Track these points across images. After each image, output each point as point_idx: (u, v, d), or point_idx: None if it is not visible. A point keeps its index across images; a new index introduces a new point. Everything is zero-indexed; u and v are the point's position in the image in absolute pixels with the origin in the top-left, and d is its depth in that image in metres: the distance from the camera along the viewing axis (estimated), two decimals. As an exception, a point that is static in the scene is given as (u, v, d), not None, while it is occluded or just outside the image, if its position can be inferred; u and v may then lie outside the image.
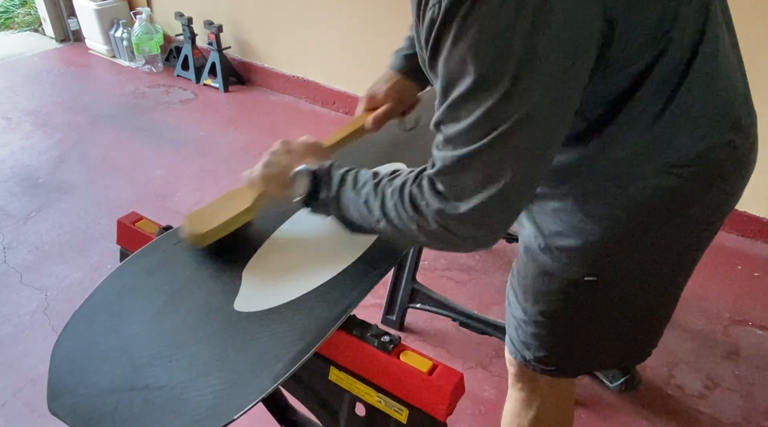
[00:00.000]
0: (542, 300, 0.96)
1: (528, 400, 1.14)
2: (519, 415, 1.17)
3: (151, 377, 0.78)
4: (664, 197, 0.82)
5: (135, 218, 1.07)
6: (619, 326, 0.97)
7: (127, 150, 2.87)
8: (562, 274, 0.90)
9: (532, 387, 1.12)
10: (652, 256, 0.89)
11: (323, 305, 0.86)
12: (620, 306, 0.94)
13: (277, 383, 0.74)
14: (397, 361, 0.79)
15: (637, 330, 1.00)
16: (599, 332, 0.98)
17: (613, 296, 0.92)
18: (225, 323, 0.84)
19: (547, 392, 1.12)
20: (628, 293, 0.92)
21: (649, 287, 0.93)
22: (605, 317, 0.95)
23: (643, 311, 0.97)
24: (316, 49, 3.21)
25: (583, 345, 1.00)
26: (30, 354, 1.77)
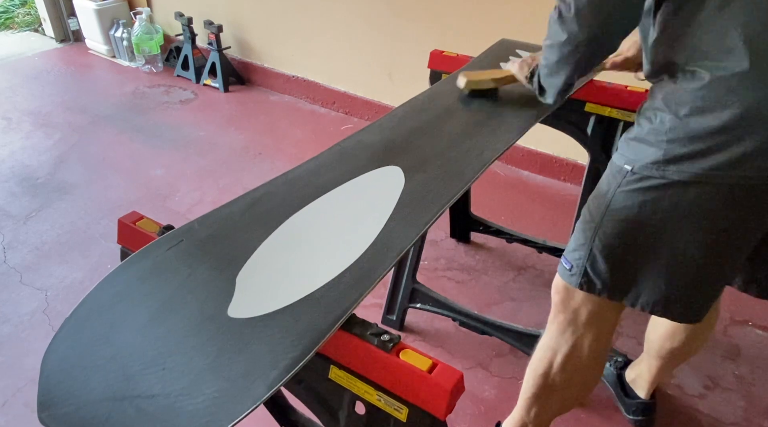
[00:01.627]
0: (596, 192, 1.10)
1: (566, 331, 1.21)
2: (554, 349, 1.23)
3: (143, 386, 0.77)
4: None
5: (136, 217, 1.07)
6: (636, 249, 1.05)
7: (127, 150, 2.87)
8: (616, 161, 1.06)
9: (575, 317, 1.18)
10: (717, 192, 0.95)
11: (318, 310, 0.85)
12: (641, 220, 1.02)
13: (271, 391, 0.73)
14: (397, 359, 0.79)
15: (678, 271, 1.04)
16: (642, 249, 1.05)
17: (639, 202, 1.01)
18: (219, 330, 0.83)
19: (588, 322, 1.18)
20: (652, 208, 1.00)
21: (697, 228, 0.99)
22: (626, 225, 1.04)
23: (687, 252, 1.01)
24: (316, 49, 3.21)
25: (604, 250, 1.08)
26: (30, 354, 1.77)
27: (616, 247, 1.07)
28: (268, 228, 1.02)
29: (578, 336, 1.20)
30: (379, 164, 1.20)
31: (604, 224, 1.07)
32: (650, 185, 0.99)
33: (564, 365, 1.23)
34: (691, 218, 0.98)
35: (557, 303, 1.21)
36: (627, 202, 1.03)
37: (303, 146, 2.94)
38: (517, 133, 1.31)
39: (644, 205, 1.01)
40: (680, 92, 0.95)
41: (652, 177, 0.98)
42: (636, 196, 1.01)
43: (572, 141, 1.64)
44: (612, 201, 1.05)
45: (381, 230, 1.00)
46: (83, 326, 0.86)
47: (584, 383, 1.29)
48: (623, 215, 1.04)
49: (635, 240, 1.04)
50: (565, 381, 1.25)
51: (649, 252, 1.04)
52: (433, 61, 1.75)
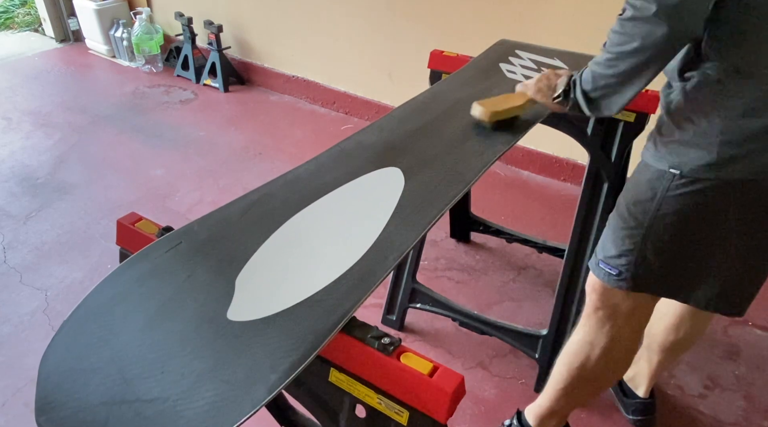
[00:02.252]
0: (632, 190, 1.11)
1: (604, 327, 1.24)
2: (591, 343, 1.27)
3: (142, 390, 0.76)
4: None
5: (135, 218, 1.07)
6: (683, 249, 1.07)
7: (127, 150, 2.87)
8: (655, 164, 1.06)
9: (613, 313, 1.21)
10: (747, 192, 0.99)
11: (318, 313, 0.84)
12: (694, 220, 1.03)
13: (271, 394, 0.73)
14: (398, 363, 0.79)
15: (734, 267, 1.07)
16: (699, 249, 1.07)
17: (691, 203, 1.02)
18: (218, 333, 0.82)
19: (626, 316, 1.21)
20: (705, 208, 1.02)
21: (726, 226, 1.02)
22: (679, 227, 1.05)
23: (744, 247, 1.04)
24: (316, 49, 3.20)
25: (647, 252, 1.10)
26: (30, 354, 1.77)
27: (671, 250, 1.09)
28: (267, 230, 1.01)
29: (617, 329, 1.23)
30: (379, 165, 1.19)
31: (655, 228, 1.08)
32: (705, 187, 1.01)
33: (601, 358, 1.26)
34: (749, 214, 1.01)
35: (595, 300, 1.24)
36: (679, 206, 1.04)
37: (303, 146, 2.93)
38: (517, 134, 1.31)
39: (699, 207, 1.03)
40: (732, 95, 0.96)
41: (706, 179, 1.00)
42: (689, 199, 1.03)
43: (572, 141, 1.64)
44: (662, 205, 1.06)
45: (381, 232, 1.00)
46: (81, 329, 0.85)
47: (615, 374, 1.33)
48: (677, 218, 1.05)
49: (691, 241, 1.07)
50: (601, 372, 1.29)
51: (705, 252, 1.07)
52: (433, 61, 1.75)
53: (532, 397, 1.67)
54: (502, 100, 1.35)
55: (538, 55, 1.70)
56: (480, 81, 1.56)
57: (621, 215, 1.15)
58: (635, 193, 1.11)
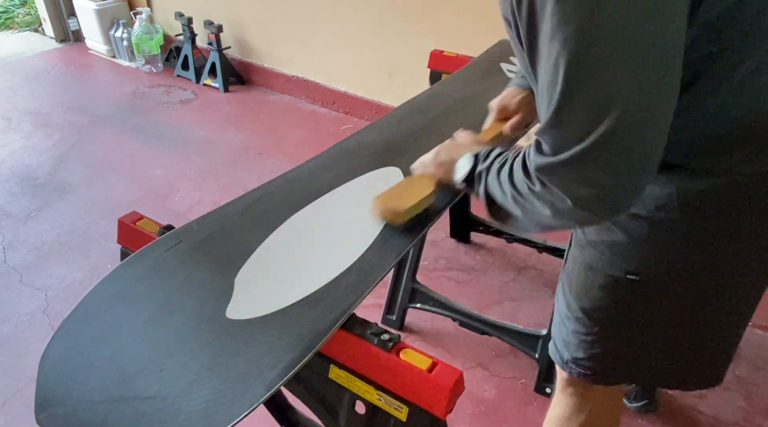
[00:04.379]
0: (584, 296, 0.95)
1: (578, 406, 1.13)
2: (569, 419, 1.15)
3: (141, 387, 0.76)
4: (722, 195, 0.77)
5: (136, 217, 1.07)
6: (658, 338, 0.94)
7: (127, 150, 2.87)
8: (605, 269, 0.90)
9: (584, 394, 1.10)
10: (702, 264, 0.84)
11: (317, 311, 0.85)
12: (662, 314, 0.91)
13: (270, 392, 0.73)
14: (397, 359, 0.79)
15: (677, 348, 0.95)
16: (638, 338, 0.95)
17: (656, 301, 0.89)
18: (217, 331, 0.83)
19: (599, 398, 1.10)
20: (672, 301, 0.89)
21: (695, 299, 0.88)
22: (645, 324, 0.93)
23: (687, 327, 0.92)
24: (316, 49, 3.21)
25: (620, 351, 0.98)
26: (30, 354, 1.77)
27: (643, 346, 0.97)
28: (267, 229, 1.02)
29: (592, 408, 1.13)
30: (379, 165, 1.20)
31: (623, 331, 0.97)
32: (664, 290, 0.90)
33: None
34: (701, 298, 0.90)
35: (565, 379, 1.12)
36: (641, 308, 0.93)
37: (303, 146, 2.93)
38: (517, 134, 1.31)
39: (661, 305, 0.91)
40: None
41: (665, 281, 0.89)
42: (651, 302, 0.92)
43: (572, 141, 1.64)
44: (622, 310, 0.95)
45: (380, 232, 1.00)
46: (81, 327, 0.86)
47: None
48: (644, 317, 0.94)
49: (661, 335, 0.95)
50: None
51: (675, 341, 0.96)
52: (433, 61, 1.75)
53: (532, 397, 1.68)
54: (404, 192, 1.06)
55: None
56: (480, 81, 1.56)
57: (580, 321, 0.98)
58: (590, 298, 0.95)
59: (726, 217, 0.80)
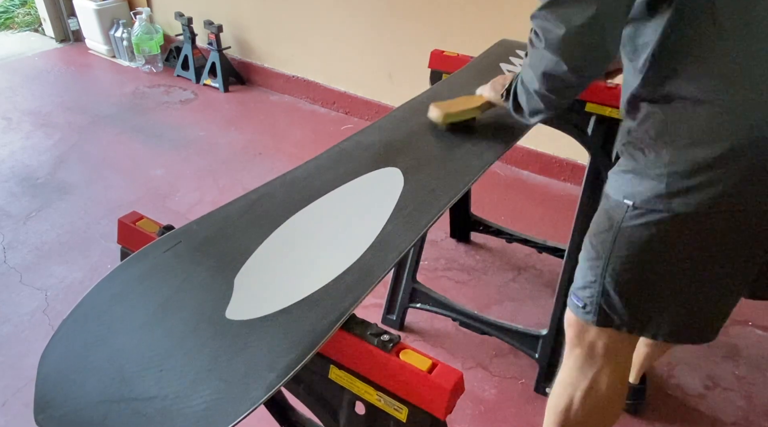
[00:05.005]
0: (594, 222, 1.09)
1: (584, 366, 1.19)
2: (573, 385, 1.21)
3: (140, 388, 0.76)
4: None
5: (136, 217, 1.07)
6: (647, 279, 1.03)
7: (127, 150, 2.87)
8: (614, 195, 1.04)
9: (591, 351, 1.16)
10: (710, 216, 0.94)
11: (317, 312, 0.84)
12: (650, 252, 1.00)
13: (269, 393, 0.73)
14: (397, 359, 0.79)
15: (695, 299, 1.03)
16: (656, 282, 1.03)
17: (646, 235, 0.99)
18: (216, 332, 0.82)
19: (605, 355, 1.16)
20: (662, 237, 0.98)
21: (694, 251, 0.97)
22: (629, 257, 1.02)
23: (701, 279, 1.00)
24: (316, 49, 3.21)
25: (607, 280, 1.06)
26: (30, 354, 1.77)
27: (629, 282, 1.05)
28: (266, 229, 1.02)
29: (596, 370, 1.18)
30: (379, 165, 1.19)
31: (613, 260, 1.04)
32: (656, 219, 0.97)
33: (584, 400, 1.20)
34: (702, 246, 0.97)
35: (572, 338, 1.19)
36: (633, 238, 1.01)
37: (303, 146, 2.94)
38: (516, 134, 1.31)
39: (652, 239, 0.99)
40: (678, 123, 0.93)
41: (656, 210, 0.96)
42: (642, 231, 0.99)
43: (572, 141, 1.64)
44: (617, 237, 1.02)
45: (380, 232, 1.00)
46: (81, 328, 0.85)
47: (605, 418, 1.25)
48: (632, 250, 1.02)
49: (647, 274, 1.03)
50: (586, 416, 1.22)
51: (663, 284, 1.02)
52: (433, 61, 1.75)
53: (532, 397, 1.68)
54: (458, 102, 1.34)
55: None
56: (480, 81, 1.56)
57: (585, 246, 1.11)
58: (597, 223, 1.08)
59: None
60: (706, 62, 0.90)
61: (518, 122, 1.30)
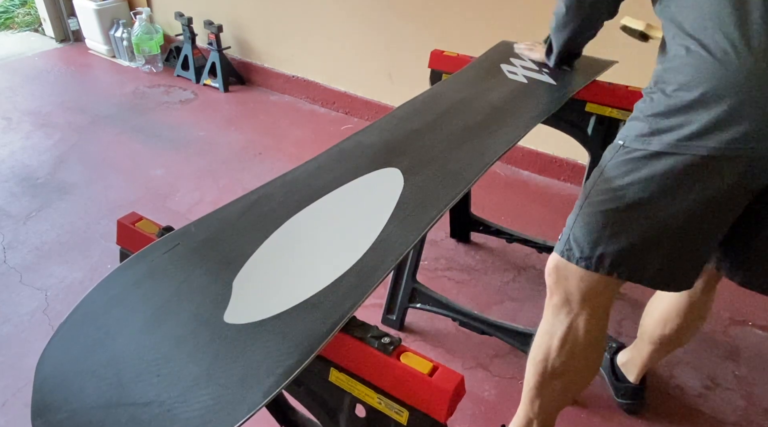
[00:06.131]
0: (598, 168, 1.13)
1: (560, 312, 1.22)
2: (549, 333, 1.24)
3: (138, 393, 0.76)
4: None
5: (135, 218, 1.07)
6: (640, 222, 1.06)
7: (127, 150, 2.87)
8: (616, 140, 1.10)
9: (566, 296, 1.20)
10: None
11: (316, 315, 0.84)
12: (628, 187, 1.05)
13: (267, 398, 0.73)
14: (398, 362, 0.79)
15: (657, 240, 1.07)
16: (622, 218, 1.07)
17: (626, 171, 1.05)
18: (215, 336, 0.82)
19: (581, 301, 1.18)
20: (639, 176, 1.03)
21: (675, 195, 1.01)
22: (612, 191, 1.07)
23: (665, 220, 1.04)
24: (316, 49, 3.21)
25: (603, 226, 1.10)
26: (30, 354, 1.77)
27: (596, 214, 1.10)
28: (265, 231, 1.01)
29: (573, 316, 1.21)
30: (378, 166, 1.19)
31: (591, 194, 1.11)
32: (635, 157, 1.04)
33: (561, 348, 1.23)
34: (669, 186, 1.01)
35: (550, 285, 1.23)
36: (613, 173, 1.07)
37: (303, 146, 2.93)
38: (517, 134, 1.31)
39: (627, 174, 1.05)
40: (668, 70, 1.01)
41: (637, 149, 1.03)
42: (621, 167, 1.06)
43: (572, 141, 1.64)
44: (602, 173, 1.10)
45: (380, 233, 1.00)
46: (78, 332, 0.85)
47: (583, 368, 1.27)
48: (608, 185, 1.08)
49: (616, 208, 1.07)
50: (564, 365, 1.25)
51: (628, 221, 1.07)
52: (433, 61, 1.75)
53: (532, 397, 1.68)
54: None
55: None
56: (480, 82, 1.56)
57: (582, 192, 1.17)
58: (598, 168, 1.14)
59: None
60: (690, 10, 1.00)
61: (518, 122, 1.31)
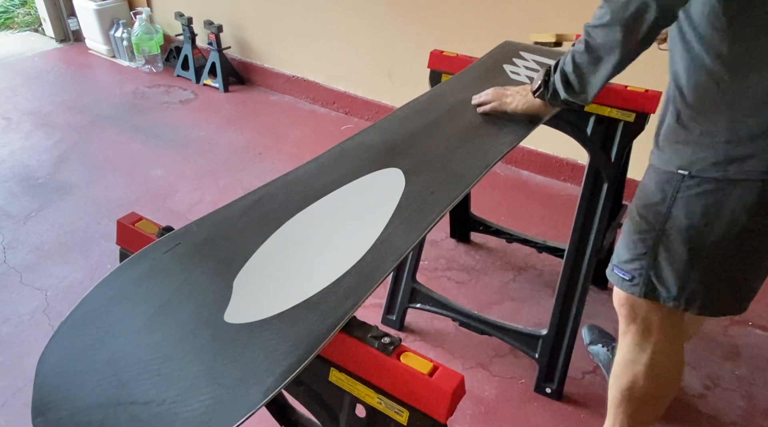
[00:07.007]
0: (642, 195, 1.11)
1: (642, 341, 1.21)
2: (634, 361, 1.23)
3: (138, 392, 0.76)
4: None
5: (135, 218, 1.06)
6: (694, 247, 1.05)
7: (127, 150, 2.87)
8: (663, 166, 1.06)
9: (646, 326, 1.19)
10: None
11: (316, 315, 0.84)
12: (700, 220, 1.02)
13: (267, 398, 0.73)
14: (398, 362, 0.79)
15: (717, 262, 1.06)
16: (676, 242, 1.06)
17: (695, 201, 1.02)
18: (215, 335, 0.82)
19: (660, 327, 1.18)
20: (712, 205, 1.00)
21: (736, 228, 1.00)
22: (683, 227, 1.04)
23: (729, 242, 1.02)
24: (316, 49, 3.20)
25: (658, 250, 1.09)
26: (30, 354, 1.77)
27: (684, 253, 1.07)
28: (266, 231, 1.01)
29: (655, 343, 1.20)
30: (380, 166, 1.19)
31: (668, 231, 1.07)
32: (714, 188, 0.99)
33: (648, 374, 1.22)
34: (754, 214, 0.99)
35: (625, 316, 1.21)
36: (690, 208, 1.03)
37: (303, 146, 2.93)
38: (519, 135, 1.30)
39: (710, 207, 1.01)
40: (736, 94, 0.95)
41: (713, 179, 0.99)
42: (700, 200, 1.01)
43: (572, 141, 1.64)
44: (672, 208, 1.05)
45: (380, 233, 1.00)
46: (79, 330, 0.85)
47: (669, 388, 1.27)
48: (689, 220, 1.04)
49: (704, 244, 1.04)
50: (653, 389, 1.24)
51: (714, 253, 1.04)
52: (433, 61, 1.75)
53: (532, 397, 1.68)
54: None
55: (542, 57, 1.69)
56: (483, 82, 1.56)
57: (632, 220, 1.14)
58: (645, 196, 1.10)
59: None
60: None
61: (519, 123, 1.30)
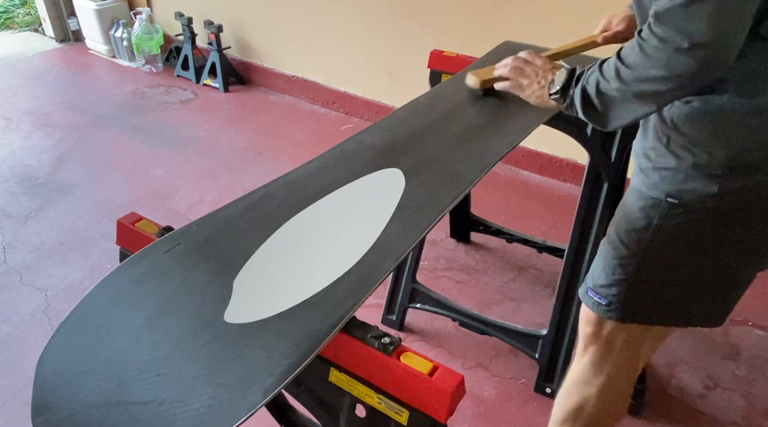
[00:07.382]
0: (623, 220, 1.07)
1: (600, 362, 1.18)
2: (587, 382, 1.21)
3: (138, 392, 0.76)
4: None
5: (135, 218, 1.07)
6: (676, 270, 1.05)
7: (127, 150, 2.87)
8: (650, 192, 1.02)
9: (608, 346, 1.16)
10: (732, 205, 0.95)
11: (316, 315, 0.84)
12: (685, 247, 1.01)
13: (267, 398, 0.73)
14: (398, 362, 0.79)
15: (690, 283, 1.05)
16: (658, 268, 1.05)
17: (684, 230, 1.00)
18: (215, 335, 0.82)
19: (621, 349, 1.16)
20: (699, 234, 1.00)
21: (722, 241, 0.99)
22: (668, 253, 1.03)
23: (705, 266, 1.02)
24: (316, 49, 3.20)
25: (639, 278, 1.07)
26: (30, 354, 1.77)
27: (668, 278, 1.06)
28: (266, 231, 1.01)
29: (614, 365, 1.17)
30: (380, 166, 1.19)
31: (650, 257, 1.05)
32: (701, 217, 0.97)
33: (600, 397, 1.20)
34: (738, 239, 0.99)
35: (589, 335, 1.18)
36: (674, 234, 1.01)
37: (303, 146, 2.93)
38: (519, 135, 1.30)
39: (696, 234, 1.00)
40: (739, 125, 0.92)
41: (702, 209, 0.97)
42: (686, 227, 0.99)
43: (572, 141, 1.64)
44: (656, 235, 1.02)
45: (380, 234, 1.00)
46: (79, 330, 0.85)
47: (617, 413, 1.25)
48: (673, 248, 1.02)
49: (685, 269, 1.04)
50: (602, 413, 1.22)
51: (699, 277, 1.04)
52: (433, 61, 1.75)
53: (532, 397, 1.68)
54: (493, 69, 1.39)
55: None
56: (481, 81, 1.56)
57: (612, 244, 1.10)
58: (627, 221, 1.07)
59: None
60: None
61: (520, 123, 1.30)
